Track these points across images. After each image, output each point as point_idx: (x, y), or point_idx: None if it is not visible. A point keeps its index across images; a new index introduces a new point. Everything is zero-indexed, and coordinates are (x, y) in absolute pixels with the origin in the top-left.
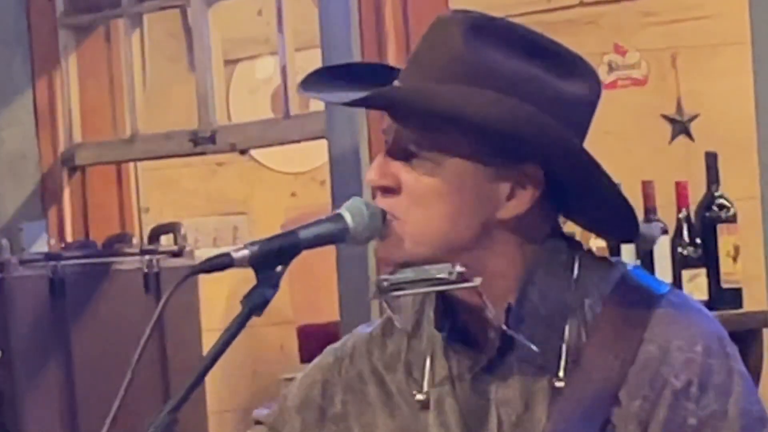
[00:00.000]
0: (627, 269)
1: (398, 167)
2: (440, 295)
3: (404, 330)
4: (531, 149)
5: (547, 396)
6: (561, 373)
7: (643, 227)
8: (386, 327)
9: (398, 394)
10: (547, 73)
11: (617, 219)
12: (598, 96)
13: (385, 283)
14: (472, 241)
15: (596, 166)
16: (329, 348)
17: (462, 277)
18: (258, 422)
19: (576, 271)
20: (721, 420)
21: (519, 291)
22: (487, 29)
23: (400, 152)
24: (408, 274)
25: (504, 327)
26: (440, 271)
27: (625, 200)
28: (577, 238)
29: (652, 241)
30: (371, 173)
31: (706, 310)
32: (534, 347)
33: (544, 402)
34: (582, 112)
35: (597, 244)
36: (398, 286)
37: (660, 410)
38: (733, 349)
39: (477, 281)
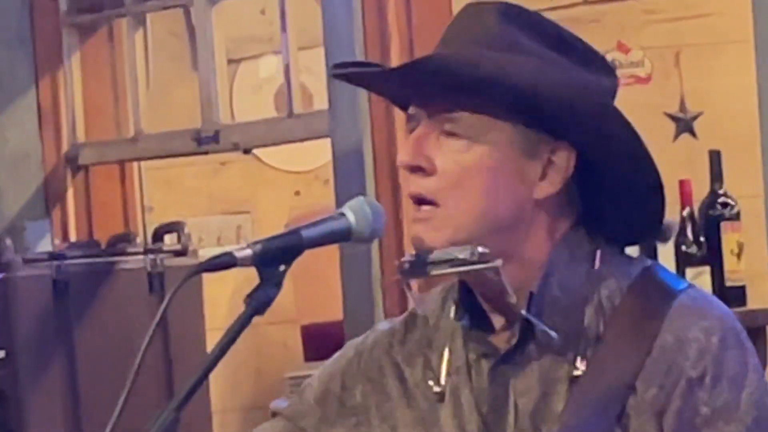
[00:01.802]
0: (648, 264)
1: (431, 147)
2: (462, 280)
3: (426, 318)
4: (571, 122)
5: (566, 385)
6: (579, 362)
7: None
8: (408, 322)
9: (416, 387)
10: (572, 63)
11: (642, 214)
12: (616, 92)
13: (407, 265)
14: (510, 220)
15: (639, 144)
16: (350, 342)
17: (483, 258)
18: (275, 414)
19: (597, 264)
20: (733, 411)
21: (541, 280)
22: (517, 16)
23: (433, 132)
24: (429, 255)
25: (524, 312)
26: (462, 251)
27: (660, 192)
28: None
29: (670, 234)
30: (403, 154)
31: (724, 306)
32: (554, 334)
33: (562, 391)
34: (607, 101)
35: None
36: (420, 268)
37: (674, 400)
38: (749, 344)
39: (498, 262)
